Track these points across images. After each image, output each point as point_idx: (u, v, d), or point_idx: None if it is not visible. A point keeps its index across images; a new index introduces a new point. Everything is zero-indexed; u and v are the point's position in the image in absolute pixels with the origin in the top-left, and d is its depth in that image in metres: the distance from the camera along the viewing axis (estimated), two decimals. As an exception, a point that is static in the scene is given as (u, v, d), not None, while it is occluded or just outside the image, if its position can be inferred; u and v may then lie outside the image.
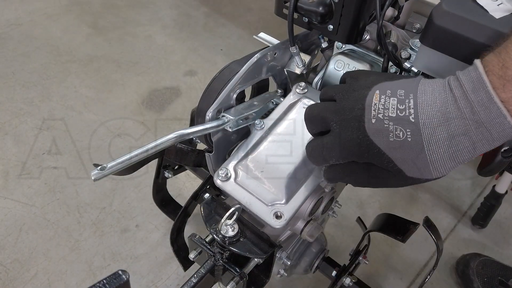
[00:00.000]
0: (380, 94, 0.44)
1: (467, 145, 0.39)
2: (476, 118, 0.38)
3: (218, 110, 0.63)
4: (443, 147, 0.40)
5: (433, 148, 0.40)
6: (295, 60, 0.69)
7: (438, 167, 0.41)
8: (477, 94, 0.38)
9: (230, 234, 0.56)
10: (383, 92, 0.44)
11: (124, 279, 0.37)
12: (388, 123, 0.42)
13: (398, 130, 0.41)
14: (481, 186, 1.47)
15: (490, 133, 0.38)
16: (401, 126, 0.41)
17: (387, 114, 0.42)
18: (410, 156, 0.42)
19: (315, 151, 0.49)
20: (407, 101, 0.42)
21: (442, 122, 0.40)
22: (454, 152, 0.40)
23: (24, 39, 1.83)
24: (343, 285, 0.87)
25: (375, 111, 0.43)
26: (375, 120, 0.43)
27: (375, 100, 0.43)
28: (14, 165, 1.34)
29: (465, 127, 0.39)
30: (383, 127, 0.42)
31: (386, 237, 0.78)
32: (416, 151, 0.41)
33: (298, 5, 0.60)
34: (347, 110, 0.45)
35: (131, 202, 1.28)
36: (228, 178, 0.58)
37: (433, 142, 0.40)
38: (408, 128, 0.41)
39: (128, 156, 0.52)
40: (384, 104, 0.43)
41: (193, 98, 1.65)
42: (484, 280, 1.12)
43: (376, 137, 0.43)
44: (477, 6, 0.50)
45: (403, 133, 0.41)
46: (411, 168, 0.43)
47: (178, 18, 2.08)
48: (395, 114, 0.42)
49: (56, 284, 1.09)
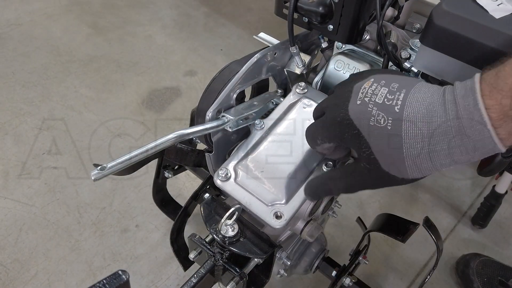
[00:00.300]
0: (373, 82, 0.44)
1: (444, 148, 0.39)
2: (458, 123, 0.38)
3: (218, 110, 0.63)
4: (420, 143, 0.40)
5: (410, 142, 0.40)
6: (295, 60, 0.69)
7: (413, 165, 0.41)
8: (465, 100, 0.38)
9: (230, 234, 0.56)
10: (376, 81, 0.44)
11: (124, 279, 0.37)
12: (372, 108, 0.42)
13: (380, 116, 0.42)
14: (481, 186, 1.47)
15: (468, 140, 0.38)
16: (384, 113, 0.42)
17: (373, 99, 0.43)
18: (387, 146, 0.42)
19: (308, 131, 0.52)
20: (398, 93, 0.42)
21: (425, 118, 0.40)
22: (430, 151, 0.40)
23: (24, 39, 1.83)
24: (343, 285, 0.87)
25: (362, 93, 0.44)
26: (360, 102, 0.44)
27: (366, 85, 0.45)
28: (14, 165, 1.34)
29: (446, 129, 0.38)
30: (366, 110, 0.43)
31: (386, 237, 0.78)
32: (393, 142, 0.41)
33: (298, 5, 0.60)
34: (338, 96, 0.48)
35: (131, 202, 1.28)
36: (228, 178, 0.58)
37: (411, 136, 0.40)
38: (391, 117, 0.41)
39: (128, 156, 0.52)
40: (374, 90, 0.43)
41: (193, 98, 1.65)
42: (484, 280, 1.12)
43: (356, 119, 0.44)
44: (477, 6, 0.50)
45: (384, 120, 0.41)
46: (387, 160, 0.43)
47: (178, 18, 2.08)
48: (381, 101, 0.42)
49: (56, 284, 1.09)
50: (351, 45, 0.69)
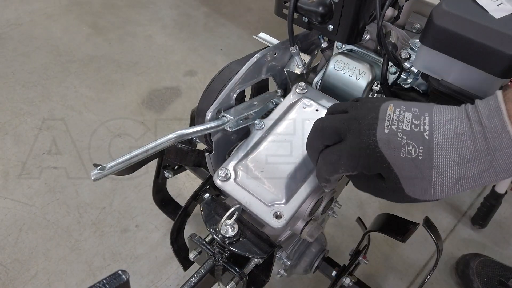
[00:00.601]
0: (395, 107, 0.42)
1: (474, 173, 0.38)
2: (487, 144, 0.37)
3: (218, 110, 0.63)
4: (450, 171, 0.38)
5: (441, 171, 0.39)
6: (295, 60, 0.69)
7: (439, 191, 0.40)
8: (491, 121, 0.37)
9: (230, 234, 0.56)
10: (397, 106, 0.42)
11: (124, 279, 0.37)
12: (402, 137, 0.40)
13: (411, 146, 0.39)
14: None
15: (498, 163, 0.37)
16: (414, 142, 0.39)
17: (401, 126, 0.40)
18: (416, 176, 0.40)
19: (328, 158, 0.46)
20: (422, 117, 0.40)
21: (455, 143, 0.38)
22: (460, 179, 0.38)
23: (24, 39, 1.83)
24: (343, 285, 0.87)
25: (389, 121, 0.41)
26: (388, 130, 0.40)
27: (390, 111, 0.42)
28: (14, 165, 1.34)
29: (476, 153, 0.37)
30: (396, 140, 0.40)
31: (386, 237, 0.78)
32: (423, 172, 0.39)
33: (298, 5, 0.60)
34: (360, 119, 0.43)
35: (131, 202, 1.28)
36: (228, 178, 0.58)
37: (442, 164, 0.38)
38: (421, 146, 0.39)
39: (128, 156, 0.52)
40: (399, 116, 0.41)
41: (193, 98, 1.65)
42: (484, 280, 1.12)
43: (387, 150, 0.40)
44: (477, 6, 0.50)
45: (416, 150, 0.39)
46: (413, 188, 0.41)
47: (178, 18, 2.08)
48: (409, 128, 0.40)
49: (56, 284, 1.09)
50: (351, 45, 0.69)
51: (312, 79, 0.73)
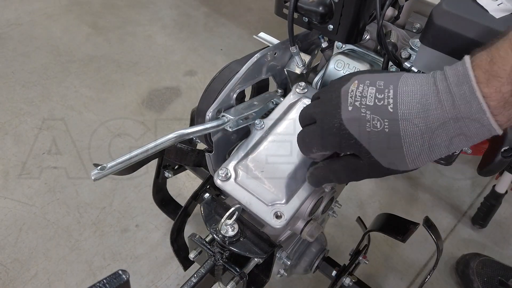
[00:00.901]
0: (359, 83, 0.43)
1: (444, 139, 0.39)
2: (456, 112, 0.37)
3: (218, 110, 0.63)
4: (420, 140, 0.39)
5: (410, 141, 0.40)
6: (295, 60, 0.69)
7: (414, 160, 0.41)
8: (460, 88, 0.37)
9: (230, 234, 0.56)
10: (361, 82, 0.43)
11: (124, 279, 0.37)
12: (365, 112, 0.41)
13: (375, 120, 0.41)
14: (481, 186, 1.47)
15: (468, 129, 0.37)
16: (379, 115, 0.40)
17: (364, 102, 0.41)
18: (387, 148, 0.41)
19: (301, 139, 0.50)
20: (387, 90, 0.41)
21: (421, 114, 0.39)
22: (431, 146, 0.39)
23: (24, 39, 1.83)
24: (343, 285, 0.87)
25: (351, 98, 0.42)
26: (352, 107, 0.42)
27: (353, 87, 0.43)
28: (14, 165, 1.34)
29: (444, 120, 0.38)
30: (360, 116, 0.41)
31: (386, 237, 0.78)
32: (393, 143, 0.40)
33: (298, 5, 0.60)
34: (326, 101, 0.46)
35: (131, 202, 1.28)
36: (228, 178, 0.58)
37: (410, 134, 0.39)
38: (386, 118, 0.40)
39: (128, 156, 0.52)
40: (362, 92, 0.42)
41: (193, 98, 1.65)
42: (484, 280, 1.12)
43: (352, 126, 0.42)
44: (477, 6, 0.50)
45: (381, 123, 0.40)
46: (388, 159, 0.42)
47: (178, 18, 2.08)
48: (372, 103, 0.41)
49: (56, 284, 1.09)
50: (351, 44, 0.69)
51: (312, 79, 0.73)
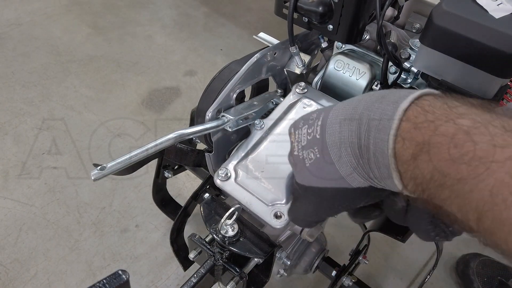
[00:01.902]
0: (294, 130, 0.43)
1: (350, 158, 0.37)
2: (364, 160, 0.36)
3: (218, 110, 0.63)
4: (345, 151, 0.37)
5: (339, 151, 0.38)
6: (295, 60, 0.69)
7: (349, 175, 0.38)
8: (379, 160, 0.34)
9: (230, 234, 0.56)
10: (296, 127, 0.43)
11: (124, 279, 0.37)
12: (302, 153, 0.41)
13: (310, 153, 0.40)
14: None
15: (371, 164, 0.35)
16: (311, 148, 0.40)
17: (300, 146, 0.42)
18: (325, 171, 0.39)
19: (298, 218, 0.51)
20: (317, 120, 0.40)
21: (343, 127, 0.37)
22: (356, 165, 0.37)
23: (24, 39, 1.83)
24: (343, 285, 0.87)
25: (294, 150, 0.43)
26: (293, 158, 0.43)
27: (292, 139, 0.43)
28: (14, 165, 1.34)
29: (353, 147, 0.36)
30: (299, 159, 0.41)
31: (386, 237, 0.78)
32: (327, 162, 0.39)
33: (298, 5, 0.60)
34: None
35: (131, 202, 1.28)
36: (228, 178, 0.58)
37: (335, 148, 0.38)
38: (316, 146, 0.39)
39: (128, 156, 0.52)
40: (298, 138, 0.42)
41: (193, 98, 1.65)
42: (484, 280, 1.12)
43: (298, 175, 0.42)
44: (477, 6, 0.50)
45: (314, 153, 0.40)
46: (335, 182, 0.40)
47: (178, 18, 2.08)
48: (305, 142, 0.41)
49: (56, 284, 1.09)
50: (351, 45, 0.69)
51: (312, 79, 0.73)
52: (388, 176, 0.34)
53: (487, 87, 0.52)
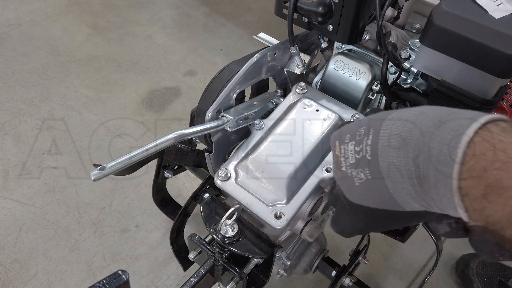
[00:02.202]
0: (339, 144, 0.42)
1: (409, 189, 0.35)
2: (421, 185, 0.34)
3: (218, 110, 0.63)
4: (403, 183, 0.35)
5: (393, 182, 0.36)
6: (295, 60, 0.69)
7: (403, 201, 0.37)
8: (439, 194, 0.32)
9: (230, 234, 0.56)
10: (342, 142, 0.42)
11: (124, 279, 0.37)
12: (351, 171, 0.40)
13: (360, 173, 0.39)
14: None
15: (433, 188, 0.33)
16: (360, 168, 0.39)
17: (348, 162, 0.41)
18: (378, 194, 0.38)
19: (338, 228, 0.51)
20: (366, 138, 0.39)
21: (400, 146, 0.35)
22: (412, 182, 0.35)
23: (24, 39, 1.83)
24: (342, 285, 0.87)
25: (339, 165, 0.42)
26: (340, 174, 0.42)
27: (337, 153, 0.42)
28: (14, 165, 1.34)
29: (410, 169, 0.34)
30: (347, 177, 0.40)
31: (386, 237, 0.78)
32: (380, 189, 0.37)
33: (298, 5, 0.60)
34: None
35: (131, 202, 1.28)
36: (228, 178, 0.58)
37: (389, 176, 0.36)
38: (367, 167, 0.38)
39: (128, 156, 0.52)
40: (344, 153, 0.41)
41: (193, 98, 1.65)
42: (484, 280, 1.12)
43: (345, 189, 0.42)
44: (477, 6, 0.50)
45: (364, 174, 0.39)
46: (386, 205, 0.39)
47: (178, 18, 2.08)
48: (354, 160, 0.40)
49: (56, 284, 1.09)
50: (351, 45, 0.69)
51: (312, 79, 0.73)
52: (452, 207, 0.32)
53: (487, 87, 0.52)
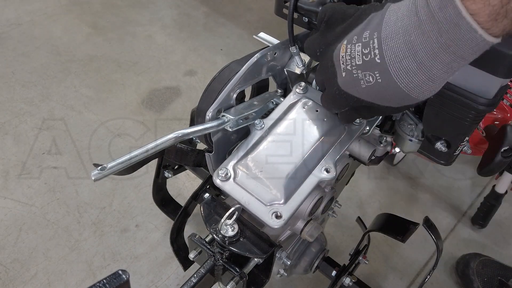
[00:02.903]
0: (347, 44, 0.44)
1: (440, 67, 0.38)
2: (444, 39, 0.36)
3: (218, 110, 0.63)
4: (415, 76, 0.39)
5: (406, 81, 0.40)
6: (295, 60, 0.69)
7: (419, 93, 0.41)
8: (444, 12, 0.35)
9: (230, 234, 0.56)
10: (349, 41, 0.44)
11: (124, 279, 0.37)
12: (357, 72, 0.43)
13: (367, 76, 0.42)
14: (481, 186, 1.47)
15: (463, 51, 0.36)
16: (369, 71, 0.42)
17: (354, 63, 0.43)
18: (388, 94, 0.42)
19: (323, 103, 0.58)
20: (371, 41, 0.41)
21: (407, 53, 0.38)
22: (428, 78, 0.39)
23: (24, 39, 1.83)
24: (343, 285, 0.87)
25: (343, 64, 0.45)
26: (345, 73, 0.45)
27: (342, 53, 0.45)
28: (14, 165, 1.34)
29: (433, 52, 0.37)
30: (353, 78, 0.44)
31: (386, 237, 0.78)
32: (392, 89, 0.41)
33: (298, 5, 0.60)
34: (325, 69, 0.50)
35: (131, 202, 1.28)
36: (227, 178, 0.58)
37: (404, 75, 0.40)
38: (376, 70, 0.41)
39: (128, 156, 0.52)
40: (351, 53, 0.44)
41: (193, 98, 1.65)
42: (484, 280, 1.12)
43: (350, 88, 0.45)
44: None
45: (373, 77, 0.42)
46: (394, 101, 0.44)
47: (178, 18, 2.08)
48: (361, 61, 0.42)
49: (56, 284, 1.09)
50: (351, 45, 0.69)
51: (312, 79, 0.73)
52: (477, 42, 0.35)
53: (487, 87, 0.52)
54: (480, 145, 1.11)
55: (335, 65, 0.47)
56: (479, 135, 1.06)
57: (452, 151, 0.62)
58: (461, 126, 0.57)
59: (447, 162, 0.65)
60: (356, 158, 0.72)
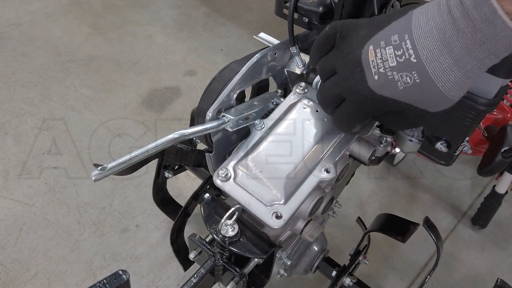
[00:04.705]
0: (375, 48, 0.44)
1: (475, 63, 0.39)
2: (479, 36, 0.37)
3: (218, 110, 0.63)
4: (452, 73, 0.40)
5: (443, 79, 0.40)
6: (295, 60, 0.69)
7: (454, 92, 0.41)
8: (479, 10, 0.36)
9: (230, 234, 0.56)
10: (377, 46, 0.43)
11: (124, 279, 0.37)
12: (392, 74, 0.42)
13: (404, 76, 0.42)
14: (481, 186, 1.47)
15: (496, 48, 0.37)
16: (406, 71, 0.41)
17: (387, 65, 0.42)
18: (426, 95, 0.42)
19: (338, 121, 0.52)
20: (403, 43, 0.41)
21: (443, 50, 0.39)
22: (464, 74, 0.40)
23: (24, 39, 1.83)
24: (343, 285, 0.87)
25: (374, 67, 0.44)
26: (378, 76, 0.43)
27: (371, 57, 0.44)
28: (14, 165, 1.34)
29: (468, 48, 0.38)
30: (389, 79, 0.43)
31: (386, 237, 0.78)
32: (429, 89, 0.41)
33: (298, 5, 0.60)
34: (349, 77, 0.47)
35: (131, 202, 1.28)
36: (228, 178, 0.58)
37: (441, 73, 0.40)
38: (414, 70, 0.41)
39: (128, 156, 0.52)
40: (382, 57, 0.43)
41: (193, 98, 1.65)
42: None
43: (386, 90, 0.44)
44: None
45: (410, 77, 0.41)
46: (431, 103, 0.43)
47: (178, 18, 2.08)
48: (395, 63, 0.42)
49: (56, 284, 1.09)
50: (351, 45, 0.69)
51: (312, 79, 0.73)
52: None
53: (487, 87, 0.52)
54: (480, 145, 1.11)
55: (364, 71, 0.45)
56: (479, 136, 1.06)
57: (452, 152, 0.62)
58: (461, 127, 0.57)
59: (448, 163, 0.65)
60: (356, 158, 0.72)
